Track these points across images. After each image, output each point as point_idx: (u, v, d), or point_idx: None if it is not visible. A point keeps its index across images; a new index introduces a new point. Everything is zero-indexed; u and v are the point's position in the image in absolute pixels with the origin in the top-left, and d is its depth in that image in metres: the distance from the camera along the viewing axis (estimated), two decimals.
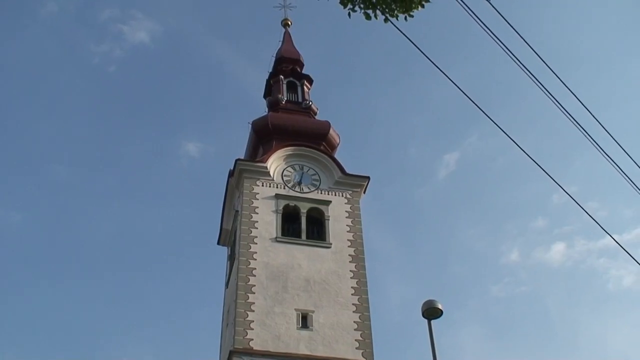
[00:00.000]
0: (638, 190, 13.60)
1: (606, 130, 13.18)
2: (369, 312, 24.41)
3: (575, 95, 12.41)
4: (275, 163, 28.59)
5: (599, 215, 68.03)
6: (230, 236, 29.95)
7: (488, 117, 11.70)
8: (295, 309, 23.92)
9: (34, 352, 66.07)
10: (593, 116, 12.70)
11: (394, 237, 69.18)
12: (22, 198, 69.49)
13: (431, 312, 15.48)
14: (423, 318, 15.72)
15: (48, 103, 72.76)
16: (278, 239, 25.95)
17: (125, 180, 73.13)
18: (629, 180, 13.23)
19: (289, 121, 31.68)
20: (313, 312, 23.97)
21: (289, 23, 39.14)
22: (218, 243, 31.70)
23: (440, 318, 15.75)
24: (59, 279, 68.84)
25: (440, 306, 15.40)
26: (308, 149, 29.59)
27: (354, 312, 24.29)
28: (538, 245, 74.03)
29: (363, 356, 23.12)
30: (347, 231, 26.94)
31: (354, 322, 24.00)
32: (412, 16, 9.32)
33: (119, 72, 76.33)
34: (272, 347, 22.65)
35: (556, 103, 11.91)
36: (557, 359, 66.44)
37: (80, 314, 68.60)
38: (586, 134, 12.44)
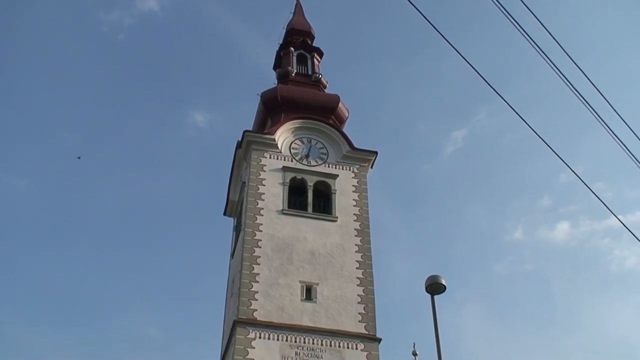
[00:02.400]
0: None
1: (615, 111, 13.16)
2: (372, 286, 24.54)
3: (585, 75, 12.36)
4: (283, 135, 28.58)
5: (604, 195, 67.88)
6: (237, 207, 30.05)
7: (497, 93, 11.68)
8: (300, 281, 24.07)
9: (38, 320, 66.74)
10: (603, 96, 12.67)
11: (400, 213, 69.26)
12: (27, 165, 69.70)
13: (434, 287, 15.54)
14: (426, 293, 15.80)
15: (56, 70, 72.70)
16: (284, 212, 26.03)
17: (132, 148, 73.25)
18: (636, 162, 13.21)
19: (298, 94, 31.60)
20: (317, 284, 24.11)
21: None
22: (224, 214, 31.82)
23: (443, 294, 15.82)
24: (63, 247, 69.28)
25: (443, 281, 15.46)
26: (317, 122, 29.54)
27: (358, 285, 24.42)
28: (543, 224, 73.97)
29: (366, 329, 23.29)
30: (354, 205, 26.99)
31: (358, 295, 24.14)
32: None
33: (128, 40, 76.10)
34: (275, 318, 22.83)
35: (566, 82, 11.88)
36: (559, 338, 66.78)
37: (85, 283, 69.13)
38: (595, 114, 12.42)
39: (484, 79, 11.54)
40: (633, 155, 13.47)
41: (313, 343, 22.49)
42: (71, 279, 68.55)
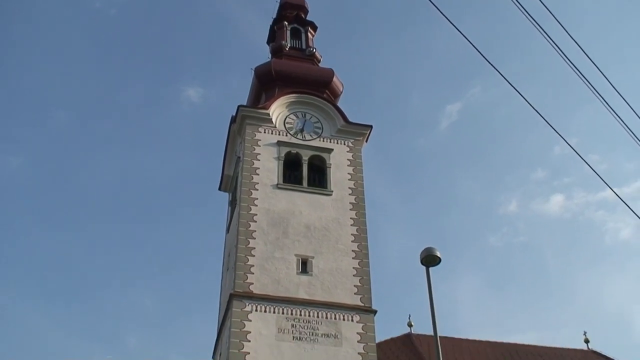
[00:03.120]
0: (639, 143, 13.68)
1: (610, 82, 13.21)
2: (368, 259, 24.73)
3: (580, 46, 12.40)
4: (277, 110, 28.58)
5: (599, 168, 68.24)
6: (232, 182, 30.13)
7: (492, 65, 11.73)
8: (295, 255, 24.23)
9: (35, 296, 67.00)
10: (597, 68, 12.72)
11: (395, 187, 69.54)
12: (21, 142, 69.54)
13: (429, 259, 15.70)
14: (421, 265, 15.96)
15: (48, 47, 72.26)
16: (279, 186, 26.12)
17: (126, 125, 73.12)
18: (630, 133, 13.31)
19: (292, 68, 31.53)
20: (313, 257, 24.28)
21: None
22: (219, 189, 31.90)
23: (438, 266, 15.99)
24: (58, 224, 69.35)
25: (438, 254, 15.62)
26: (311, 96, 29.53)
27: (353, 258, 24.61)
28: (537, 196, 74.36)
29: (361, 301, 23.51)
30: (349, 179, 27.10)
31: (353, 268, 24.33)
32: None
33: (121, 15, 75.65)
34: (271, 291, 23.01)
35: (561, 54, 11.92)
36: (553, 309, 67.42)
37: (81, 259, 69.35)
38: (590, 87, 12.48)
39: (478, 52, 11.58)
40: (628, 128, 13.57)
41: (309, 315, 22.71)
42: (67, 255, 68.69)
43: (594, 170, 13.41)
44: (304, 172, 26.97)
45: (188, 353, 71.00)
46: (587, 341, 32.72)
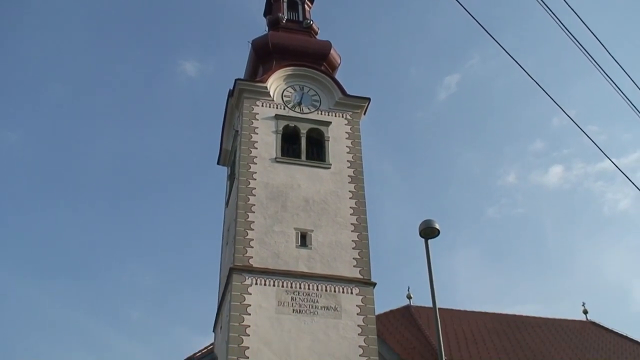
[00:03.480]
0: (638, 114, 13.62)
1: (609, 53, 13.12)
2: (367, 232, 24.75)
3: (579, 17, 12.29)
4: (275, 83, 28.44)
5: (598, 139, 68.01)
6: (230, 156, 30.07)
7: (490, 35, 11.63)
8: (295, 228, 24.25)
9: (35, 273, 67.26)
10: (597, 38, 12.62)
11: (393, 159, 69.56)
12: (17, 118, 69.36)
13: (428, 231, 15.73)
14: (420, 238, 15.99)
15: (44, 21, 71.72)
16: (278, 160, 26.06)
17: (123, 99, 72.92)
18: (630, 104, 13.25)
19: (289, 40, 31.32)
20: (312, 231, 24.31)
21: None
22: (218, 163, 31.86)
23: (437, 239, 16.03)
24: (56, 200, 69.47)
25: (437, 226, 15.65)
26: (308, 69, 29.36)
27: (352, 231, 24.63)
28: (536, 167, 74.48)
29: (360, 274, 23.59)
30: (347, 152, 27.04)
31: (353, 241, 24.37)
32: None
33: None
34: (271, 265, 23.07)
35: (560, 25, 11.82)
36: (552, 280, 67.78)
37: (80, 235, 69.53)
38: (589, 57, 12.39)
39: (477, 22, 11.48)
40: (627, 98, 13.50)
41: (309, 288, 22.79)
42: (65, 230, 68.89)
43: (592, 141, 13.37)
44: (302, 145, 26.90)
45: (190, 326, 71.57)
46: (585, 312, 33.01)
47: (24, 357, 63.28)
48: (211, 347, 26.63)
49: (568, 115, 13.27)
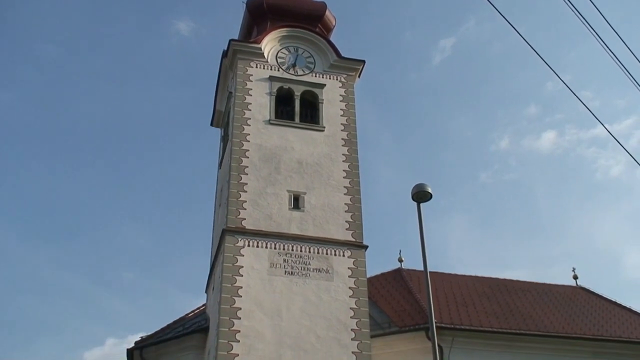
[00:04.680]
0: (633, 80, 13.57)
1: (605, 19, 13.01)
2: (359, 195, 24.77)
3: None
4: (269, 44, 28.18)
5: (591, 104, 68.22)
6: (224, 118, 29.92)
7: None
8: (288, 190, 24.25)
9: (30, 235, 67.40)
10: (592, 3, 12.49)
11: (387, 123, 69.43)
12: (10, 78, 68.76)
13: (421, 195, 15.76)
14: (413, 201, 16.01)
15: None
16: (271, 122, 25.94)
17: (116, 59, 72.27)
18: (624, 70, 13.18)
19: (284, 1, 30.91)
20: (305, 193, 24.31)
21: None
22: (211, 124, 31.72)
23: (430, 203, 16.06)
24: (50, 161, 69.30)
25: (429, 189, 15.66)
26: (303, 30, 29.07)
27: (345, 194, 24.64)
28: (529, 133, 74.52)
29: (352, 237, 23.67)
30: (341, 115, 26.92)
31: (345, 204, 24.40)
32: None
33: None
34: (264, 227, 23.11)
35: None
36: (544, 246, 68.27)
37: (72, 197, 69.53)
38: (584, 22, 12.28)
39: None
40: (621, 64, 13.43)
41: (301, 250, 22.88)
42: (59, 192, 68.84)
43: (586, 107, 13.34)
44: (296, 107, 26.77)
45: (182, 288, 72.02)
46: (575, 277, 33.29)
47: (18, 318, 63.80)
48: (203, 307, 26.84)
49: (562, 80, 13.22)
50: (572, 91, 13.01)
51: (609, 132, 14.01)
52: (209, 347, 22.64)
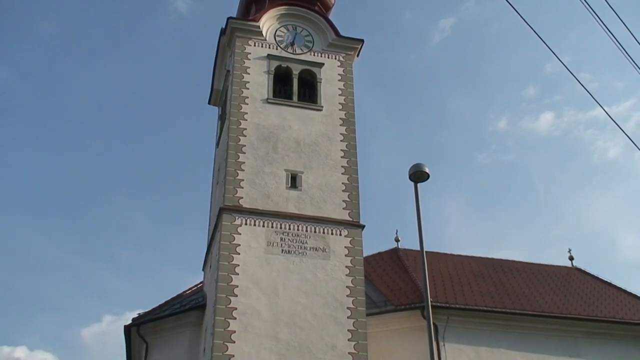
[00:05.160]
0: (632, 62, 13.58)
1: (605, 0, 12.98)
2: (357, 175, 24.81)
3: None
4: (268, 22, 28.05)
5: (590, 86, 68.13)
6: (221, 96, 29.86)
7: None
8: (285, 170, 24.27)
9: (28, 212, 67.42)
10: None
11: (385, 103, 69.33)
12: (6, 55, 68.42)
13: (418, 175, 15.78)
14: (410, 182, 16.05)
15: None
16: (269, 100, 25.90)
17: (113, 37, 71.97)
18: (623, 52, 13.18)
19: None
20: (302, 172, 24.34)
21: None
22: (209, 103, 31.66)
23: (427, 183, 16.09)
24: (47, 138, 69.19)
25: (427, 170, 15.69)
26: (302, 8, 28.93)
27: (342, 174, 24.68)
28: (527, 114, 74.52)
29: (349, 216, 23.74)
30: (339, 94, 26.88)
31: (342, 183, 24.44)
32: None
33: None
34: (261, 206, 23.17)
35: None
36: (540, 227, 68.49)
37: (72, 174, 69.52)
38: (584, 3, 12.26)
39: None
40: (621, 46, 13.42)
41: (298, 229, 22.96)
42: (56, 170, 68.86)
43: (585, 88, 13.35)
44: (294, 86, 26.71)
45: (179, 265, 72.28)
46: (571, 258, 33.48)
47: (16, 295, 64.02)
48: (201, 285, 26.98)
49: (561, 62, 13.21)
50: (571, 72, 13.02)
51: (607, 114, 14.05)
52: (206, 324, 22.80)
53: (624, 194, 72.13)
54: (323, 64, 27.53)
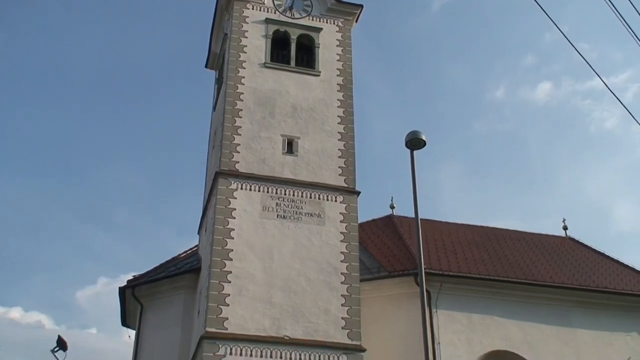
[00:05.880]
0: (632, 33, 13.49)
1: None
2: (353, 141, 24.77)
3: None
4: None
5: (589, 56, 67.74)
6: (219, 60, 29.65)
7: None
8: (281, 135, 24.22)
9: (26, 173, 67.34)
10: None
11: (383, 69, 68.97)
12: (2, 19, 67.68)
13: (414, 142, 15.76)
14: (406, 148, 16.03)
15: None
16: (267, 65, 25.73)
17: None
18: (623, 22, 13.09)
19: None
20: (299, 138, 24.29)
21: None
22: (206, 66, 31.46)
23: (423, 151, 16.07)
24: (45, 101, 68.82)
25: (423, 137, 15.67)
26: None
27: (339, 140, 24.63)
28: (525, 83, 74.26)
29: (345, 182, 23.76)
30: (337, 60, 26.70)
31: (339, 149, 24.41)
32: None
33: None
34: (257, 170, 23.16)
35: None
36: (535, 197, 68.68)
37: (69, 136, 69.32)
38: None
39: None
40: (621, 16, 13.32)
41: (293, 195, 22.99)
42: (56, 132, 68.67)
43: (583, 58, 13.27)
44: (292, 51, 26.52)
45: (175, 228, 72.47)
46: (565, 228, 33.61)
47: (11, 256, 64.24)
48: (196, 248, 27.09)
49: (560, 31, 13.13)
50: (570, 42, 12.94)
51: (605, 84, 14.03)
52: (201, 287, 22.94)
53: (620, 165, 72.28)
54: (321, 28, 27.30)
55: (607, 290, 26.16)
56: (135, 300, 25.19)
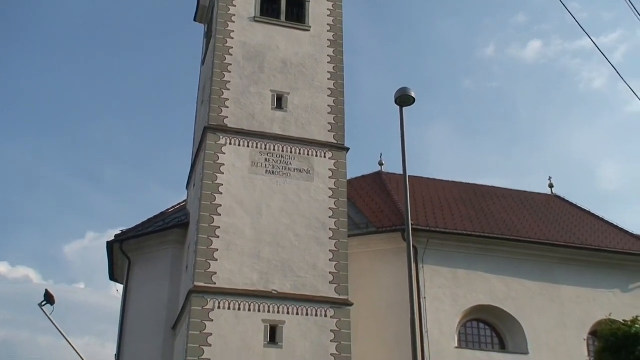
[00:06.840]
0: None
1: None
2: (343, 97, 24.68)
3: None
4: None
5: (579, 16, 67.49)
6: (208, 13, 29.28)
7: None
8: (271, 90, 24.08)
9: (10, 127, 66.78)
10: None
11: (373, 26, 68.44)
12: None
13: (404, 99, 15.76)
14: (396, 106, 16.03)
15: None
16: (256, 19, 25.44)
17: None
18: None
19: None
20: (288, 93, 24.18)
21: None
22: (195, 20, 31.08)
23: (412, 109, 16.09)
24: (31, 54, 67.89)
25: (413, 94, 15.66)
26: None
27: (328, 96, 24.53)
28: (515, 41, 73.99)
29: (334, 139, 23.76)
30: (328, 15, 26.38)
31: (328, 105, 24.32)
32: None
33: None
34: (246, 126, 23.09)
35: None
36: (522, 156, 69.01)
37: (56, 92, 68.59)
38: None
39: None
40: None
41: (282, 150, 22.98)
42: (43, 88, 67.95)
43: (573, 17, 13.25)
44: (282, 5, 26.16)
45: (163, 184, 72.45)
46: (551, 186, 33.89)
47: (1, 212, 64.14)
48: (184, 204, 27.14)
49: None
50: (560, 1, 12.88)
51: (594, 44, 13.98)
52: (189, 242, 23.06)
53: (607, 124, 72.61)
54: None
55: (592, 247, 26.52)
56: (123, 254, 25.31)
